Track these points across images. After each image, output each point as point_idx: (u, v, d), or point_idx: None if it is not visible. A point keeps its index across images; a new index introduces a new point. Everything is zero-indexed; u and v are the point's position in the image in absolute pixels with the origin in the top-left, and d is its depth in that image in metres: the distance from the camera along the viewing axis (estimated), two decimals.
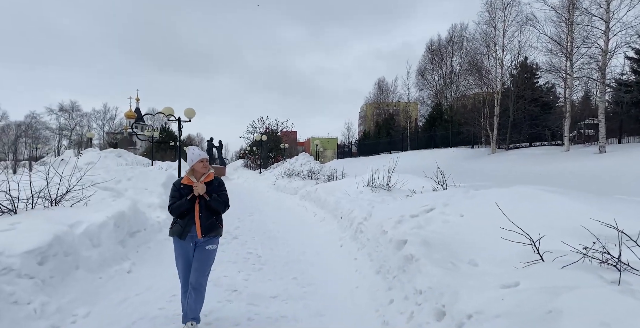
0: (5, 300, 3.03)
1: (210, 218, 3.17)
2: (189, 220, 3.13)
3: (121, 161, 20.69)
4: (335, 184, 11.74)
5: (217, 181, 3.28)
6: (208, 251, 3.19)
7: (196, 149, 3.28)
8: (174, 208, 3.14)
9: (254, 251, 6.05)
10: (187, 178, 3.21)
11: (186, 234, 3.11)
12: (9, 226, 4.34)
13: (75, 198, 6.59)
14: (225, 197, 3.28)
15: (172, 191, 3.22)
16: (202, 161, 3.22)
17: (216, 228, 3.24)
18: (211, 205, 3.15)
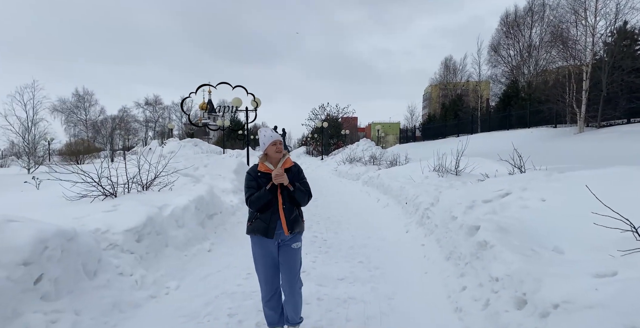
0: (113, 271, 3.53)
1: (294, 211, 2.70)
2: (272, 215, 2.63)
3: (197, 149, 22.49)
4: (399, 170, 11.48)
5: (296, 168, 2.77)
6: (295, 250, 2.74)
7: (268, 130, 2.77)
8: (253, 201, 2.63)
9: (319, 235, 6.21)
10: (262, 164, 2.71)
11: (272, 231, 2.63)
12: (112, 208, 5.01)
13: (162, 183, 7.37)
14: (307, 186, 2.77)
15: (248, 180, 2.71)
16: (274, 144, 2.69)
17: (300, 223, 2.77)
18: (295, 195, 2.65)
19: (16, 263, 2.56)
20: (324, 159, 28.40)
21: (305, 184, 2.77)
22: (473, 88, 36.90)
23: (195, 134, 40.71)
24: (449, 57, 44.35)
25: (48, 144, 27.98)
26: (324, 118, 39.89)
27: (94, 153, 29.06)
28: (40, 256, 2.76)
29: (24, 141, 25.36)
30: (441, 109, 40.75)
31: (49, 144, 28.07)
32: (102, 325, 2.82)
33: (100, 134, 39.09)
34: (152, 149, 11.51)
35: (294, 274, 2.77)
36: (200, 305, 3.36)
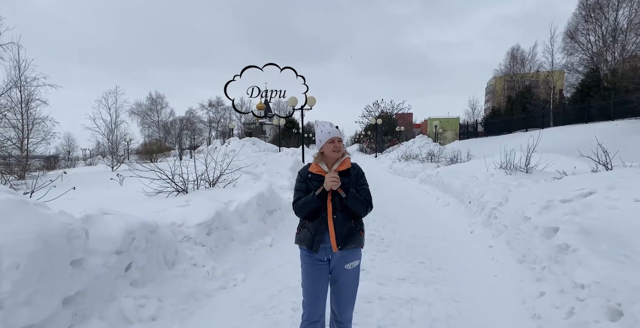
0: (188, 262, 3.83)
1: (348, 222, 2.23)
2: (320, 225, 2.22)
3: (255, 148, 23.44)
4: (460, 167, 10.91)
5: (355, 171, 2.32)
6: (349, 272, 2.25)
7: (326, 125, 2.34)
8: (299, 206, 2.26)
9: (376, 234, 6.14)
10: (315, 165, 2.31)
11: (318, 245, 2.21)
12: (184, 203, 5.42)
13: (226, 180, 7.82)
14: (367, 194, 2.29)
15: (297, 181, 2.34)
16: (332, 142, 2.27)
17: (356, 237, 2.25)
18: (348, 204, 2.20)
19: (110, 252, 2.89)
20: (378, 157, 27.97)
21: (364, 191, 2.28)
22: (544, 79, 33.72)
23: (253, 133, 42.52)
24: (516, 47, 40.82)
25: (127, 144, 31.16)
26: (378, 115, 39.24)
27: (165, 152, 31.73)
28: (129, 246, 3.08)
29: (109, 142, 28.50)
30: (507, 102, 37.89)
31: (128, 144, 31.26)
32: (181, 311, 3.07)
33: (170, 134, 42.63)
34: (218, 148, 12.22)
35: (346, 301, 2.27)
36: (266, 297, 3.50)
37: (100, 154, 31.15)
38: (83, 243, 2.57)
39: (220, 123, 51.78)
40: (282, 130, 30.94)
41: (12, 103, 16.91)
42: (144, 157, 27.43)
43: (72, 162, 36.70)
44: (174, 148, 39.95)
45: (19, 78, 16.90)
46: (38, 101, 17.93)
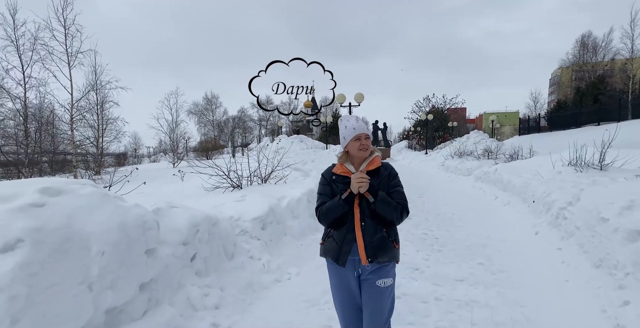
0: (245, 255, 4.00)
1: (379, 231, 1.94)
2: (347, 234, 1.95)
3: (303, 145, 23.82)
4: (521, 164, 10.20)
5: (387, 171, 2.02)
6: (381, 290, 1.94)
7: (351, 119, 2.05)
8: (322, 213, 2.00)
9: (429, 233, 5.95)
10: (340, 165, 2.05)
11: (345, 257, 1.94)
12: (240, 198, 5.65)
13: (277, 176, 8.03)
14: (401, 197, 1.98)
15: (320, 185, 2.09)
16: (358, 139, 1.99)
17: (389, 249, 1.94)
18: (377, 209, 1.92)
19: (178, 243, 3.10)
20: (429, 154, 27.04)
21: (398, 193, 1.97)
22: (621, 67, 30.28)
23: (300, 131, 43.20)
24: (588, 34, 37.04)
25: (186, 142, 33.29)
26: (429, 110, 37.85)
27: (220, 150, 33.39)
28: (194, 237, 3.29)
29: (170, 140, 30.66)
30: (575, 94, 34.62)
31: (187, 142, 33.40)
32: (241, 302, 3.22)
33: (224, 132, 44.80)
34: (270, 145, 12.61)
35: (378, 322, 1.93)
36: (319, 292, 3.55)
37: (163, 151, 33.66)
38: (155, 234, 2.79)
39: (269, 121, 53.33)
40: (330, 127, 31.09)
41: (90, 105, 18.82)
42: (200, 154, 29.12)
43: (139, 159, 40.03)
44: (227, 145, 41.91)
45: (95, 82, 18.74)
46: (111, 102, 19.75)
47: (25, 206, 2.09)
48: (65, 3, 16.63)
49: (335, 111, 50.76)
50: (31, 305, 1.78)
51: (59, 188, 2.38)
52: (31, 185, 2.37)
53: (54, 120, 17.31)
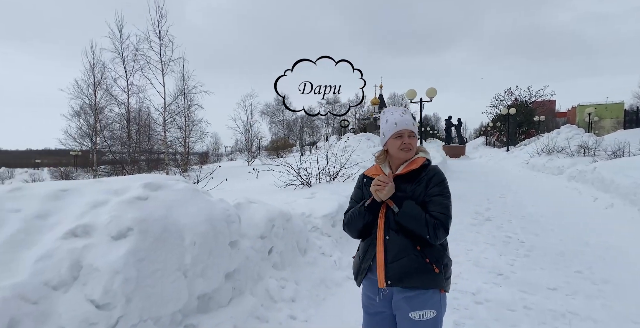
0: (317, 251, 4.08)
1: (409, 248, 1.58)
2: (369, 249, 1.68)
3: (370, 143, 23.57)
4: (628, 162, 8.85)
5: (429, 175, 1.65)
6: (417, 325, 1.57)
7: (396, 112, 1.73)
8: (345, 221, 1.77)
9: (513, 236, 5.49)
10: (375, 167, 1.77)
11: (362, 276, 1.69)
12: (310, 195, 5.80)
13: (345, 174, 8.08)
14: (441, 209, 1.59)
15: (355, 187, 1.85)
16: (400, 136, 1.68)
17: (422, 272, 1.57)
18: (401, 221, 1.59)
19: (256, 236, 3.29)
20: (511, 151, 24.84)
21: (436, 205, 1.58)
22: None
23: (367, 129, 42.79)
24: None
25: (259, 141, 35.21)
26: (510, 104, 34.74)
27: (289, 148, 34.69)
28: (270, 232, 3.45)
29: (245, 139, 32.77)
30: None
31: (260, 142, 35.31)
32: (315, 296, 3.30)
33: (292, 131, 46.39)
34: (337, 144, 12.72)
35: None
36: None
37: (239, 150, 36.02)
38: (237, 227, 2.99)
39: (336, 119, 53.81)
40: None
41: (179, 108, 20.92)
42: (271, 153, 30.54)
43: (218, 157, 43.45)
44: (296, 144, 43.34)
45: (183, 87, 20.79)
46: (196, 105, 21.71)
47: (133, 199, 2.39)
48: (160, 16, 18.75)
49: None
50: (140, 287, 2.03)
51: (158, 183, 2.68)
52: (136, 180, 2.70)
53: (150, 123, 19.64)
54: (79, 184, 2.66)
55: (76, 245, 2.01)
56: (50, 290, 1.80)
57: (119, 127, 19.37)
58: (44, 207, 2.25)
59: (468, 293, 3.41)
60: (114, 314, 1.86)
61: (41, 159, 43.44)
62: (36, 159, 44.80)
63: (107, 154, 18.07)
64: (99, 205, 2.35)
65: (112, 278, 1.90)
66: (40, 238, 2.05)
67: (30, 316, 1.65)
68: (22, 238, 1.99)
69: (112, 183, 2.67)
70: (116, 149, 17.12)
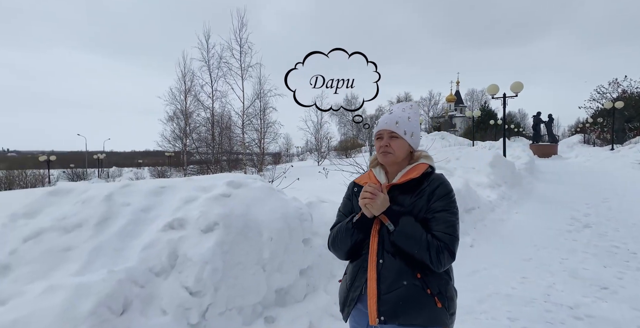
0: None
1: (406, 274, 1.30)
2: (358, 274, 1.38)
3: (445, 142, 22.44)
4: None
5: (432, 186, 1.36)
6: None
7: (394, 109, 1.48)
8: (330, 239, 1.50)
9: (621, 246, 4.79)
10: (368, 174, 1.51)
11: (350, 306, 1.39)
12: None
13: None
14: (445, 228, 1.30)
15: (344, 197, 1.58)
16: (379, 138, 1.44)
17: (422, 307, 1.29)
18: (397, 242, 1.31)
19: (328, 235, 3.34)
20: (617, 149, 21.57)
21: (439, 222, 1.30)
22: None
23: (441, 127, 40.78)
24: None
25: (328, 141, 35.79)
26: (617, 97, 30.17)
27: (357, 148, 34.65)
28: None
29: (315, 140, 33.60)
30: None
31: (329, 142, 35.88)
32: None
33: (361, 131, 46.26)
34: None
35: None
36: (474, 301, 3.28)
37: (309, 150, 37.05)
38: (309, 225, 3.08)
39: None
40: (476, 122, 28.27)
41: (255, 111, 22.29)
42: (340, 153, 30.81)
43: (289, 158, 45.23)
44: (365, 144, 43.11)
45: (260, 91, 22.10)
46: (271, 108, 22.90)
47: (219, 196, 2.61)
48: (241, 25, 20.24)
49: (485, 104, 45.88)
50: (225, 277, 2.21)
51: (239, 182, 2.88)
52: (221, 179, 2.94)
53: (230, 125, 21.27)
54: (174, 181, 2.98)
55: (173, 236, 2.26)
56: (154, 276, 2.05)
57: (205, 130, 21.34)
58: (147, 202, 2.57)
59: (564, 306, 3.07)
60: (205, 301, 2.05)
61: (142, 159, 49.73)
62: (138, 159, 51.39)
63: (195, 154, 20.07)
64: (190, 200, 2.61)
65: (202, 267, 2.10)
66: (145, 228, 2.35)
67: (139, 298, 1.90)
68: (131, 229, 2.30)
69: (200, 181, 2.95)
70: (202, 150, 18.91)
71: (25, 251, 2.04)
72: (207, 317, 2.04)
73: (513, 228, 6.25)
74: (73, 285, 1.70)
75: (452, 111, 55.73)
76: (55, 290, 1.69)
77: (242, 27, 20.23)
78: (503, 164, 10.37)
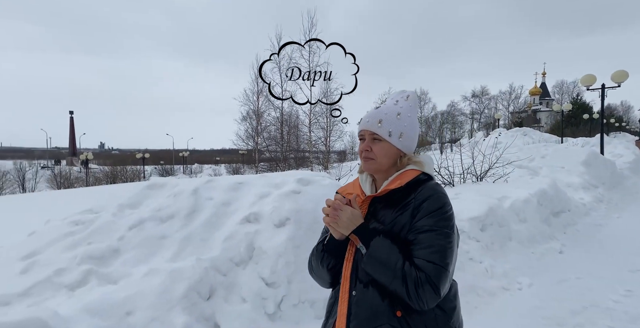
0: (464, 256, 3.80)
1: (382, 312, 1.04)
2: (333, 307, 1.15)
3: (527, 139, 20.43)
4: None
5: (419, 198, 1.06)
6: None
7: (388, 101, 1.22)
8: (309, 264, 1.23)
9: None
10: (352, 183, 1.27)
11: None
12: (453, 196, 5.42)
13: (496, 174, 7.23)
14: (432, 253, 1.00)
15: None
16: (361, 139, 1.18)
17: None
18: (367, 269, 1.06)
19: None
20: None
21: (426, 247, 1.01)
22: None
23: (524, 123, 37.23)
24: None
25: None
26: None
27: (426, 146, 33.26)
28: None
29: None
30: None
31: None
32: (465, 303, 3.03)
33: (431, 128, 44.32)
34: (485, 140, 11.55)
35: None
36: (566, 312, 2.98)
37: None
38: None
39: (483, 113, 48.72)
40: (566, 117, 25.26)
41: (322, 110, 22.72)
42: None
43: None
44: (434, 141, 41.22)
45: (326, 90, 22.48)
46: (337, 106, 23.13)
47: (289, 192, 2.72)
48: (311, 25, 20.82)
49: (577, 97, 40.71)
50: (297, 271, 2.30)
51: (308, 179, 2.97)
52: (291, 176, 3.07)
53: (298, 124, 22.00)
54: (249, 178, 3.19)
55: (249, 229, 2.42)
56: (234, 265, 2.22)
57: (274, 129, 22.34)
58: (227, 196, 2.79)
59: None
60: (279, 293, 2.17)
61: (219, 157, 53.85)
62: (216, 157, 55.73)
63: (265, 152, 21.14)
64: (264, 196, 2.77)
65: (276, 260, 2.22)
66: (225, 221, 2.55)
67: (222, 285, 2.07)
68: (214, 221, 2.52)
69: (272, 177, 3.10)
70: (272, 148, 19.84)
71: (130, 238, 2.36)
72: (282, 308, 2.15)
73: (613, 234, 5.51)
74: (168, 270, 1.93)
75: (535, 105, 50.53)
76: (154, 273, 1.93)
77: (312, 27, 20.72)
78: (600, 163, 9.16)
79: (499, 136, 13.09)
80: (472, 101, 48.42)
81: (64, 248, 2.35)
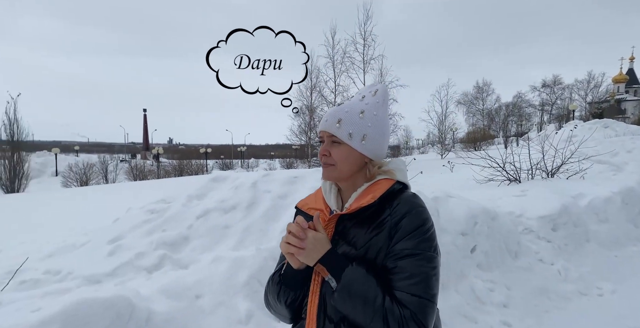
0: (533, 257, 3.54)
1: None
2: None
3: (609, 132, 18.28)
4: None
5: (396, 215, 0.88)
6: None
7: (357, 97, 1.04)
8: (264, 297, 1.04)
9: None
10: (317, 193, 1.07)
11: None
12: (520, 193, 5.05)
13: (570, 170, 6.57)
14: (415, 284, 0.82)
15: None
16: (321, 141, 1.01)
17: None
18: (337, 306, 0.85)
19: (457, 232, 3.14)
20: None
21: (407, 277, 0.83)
22: None
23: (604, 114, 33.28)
24: None
25: (453, 133, 33.25)
26: None
27: (489, 140, 31.17)
28: (473, 229, 3.23)
29: (439, 132, 31.61)
30: None
31: (454, 134, 33.29)
32: (533, 306, 2.88)
33: (494, 121, 41.33)
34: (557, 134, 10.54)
35: None
36: None
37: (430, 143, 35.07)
38: (436, 220, 2.94)
39: (555, 105, 44.31)
40: None
41: None
42: (468, 145, 28.28)
43: (409, 150, 43.86)
44: (498, 135, 38.45)
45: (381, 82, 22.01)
46: (391, 99, 22.62)
47: None
48: (366, 18, 20.52)
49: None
50: None
51: None
52: None
53: None
54: (303, 172, 3.26)
55: None
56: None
57: None
58: (283, 189, 2.88)
59: None
60: None
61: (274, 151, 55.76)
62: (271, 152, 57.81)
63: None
64: None
65: None
66: (282, 213, 2.64)
67: None
68: (272, 213, 2.62)
69: None
70: None
71: (197, 227, 2.55)
72: None
73: None
74: (232, 257, 2.05)
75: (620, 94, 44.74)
76: (220, 260, 2.06)
77: (367, 20, 20.35)
78: None
79: (574, 128, 11.82)
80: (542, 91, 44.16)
81: (143, 234, 2.61)
